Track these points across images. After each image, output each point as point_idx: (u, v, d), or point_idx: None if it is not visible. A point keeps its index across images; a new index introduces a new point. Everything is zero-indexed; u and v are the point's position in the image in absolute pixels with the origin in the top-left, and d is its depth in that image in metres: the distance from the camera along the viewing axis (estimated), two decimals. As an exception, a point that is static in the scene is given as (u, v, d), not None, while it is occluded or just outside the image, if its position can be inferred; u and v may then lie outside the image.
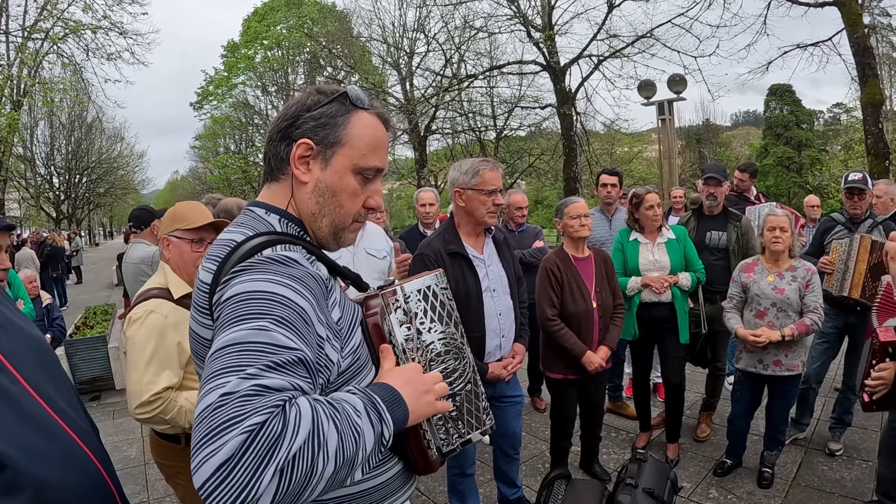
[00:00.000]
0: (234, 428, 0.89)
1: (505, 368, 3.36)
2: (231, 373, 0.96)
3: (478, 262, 3.31)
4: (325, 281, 1.27)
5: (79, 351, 7.17)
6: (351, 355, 1.31)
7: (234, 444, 0.88)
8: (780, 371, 3.97)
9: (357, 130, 1.35)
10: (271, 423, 0.91)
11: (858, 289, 4.23)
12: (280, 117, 1.37)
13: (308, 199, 1.36)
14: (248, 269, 1.16)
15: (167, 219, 2.67)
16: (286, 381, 1.00)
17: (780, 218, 4.01)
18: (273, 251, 1.22)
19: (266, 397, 0.94)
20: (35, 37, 19.56)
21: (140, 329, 2.36)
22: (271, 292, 1.10)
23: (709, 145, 41.61)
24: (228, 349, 1.01)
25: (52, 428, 1.30)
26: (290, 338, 1.05)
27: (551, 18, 20.58)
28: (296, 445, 0.93)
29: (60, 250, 18.50)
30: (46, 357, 1.48)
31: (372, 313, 1.43)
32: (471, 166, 3.25)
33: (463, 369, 1.58)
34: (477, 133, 26.56)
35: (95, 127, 37.94)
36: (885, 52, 23.97)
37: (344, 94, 1.36)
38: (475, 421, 1.60)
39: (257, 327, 1.04)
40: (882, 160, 12.93)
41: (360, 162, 1.36)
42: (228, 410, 0.91)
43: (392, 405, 1.19)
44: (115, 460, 5.24)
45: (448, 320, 1.57)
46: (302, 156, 1.33)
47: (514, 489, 3.86)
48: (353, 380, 1.32)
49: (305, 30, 30.88)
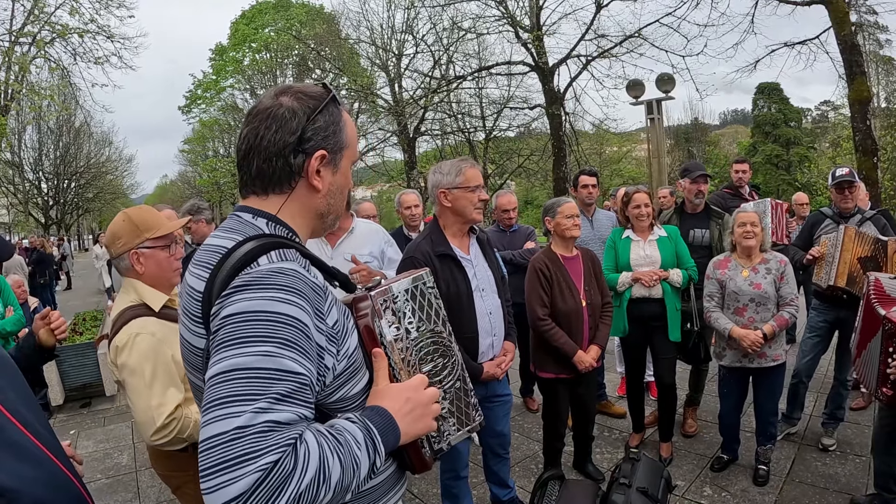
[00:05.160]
0: (250, 464, 0.96)
1: (499, 367, 3.37)
2: (242, 403, 1.01)
3: (466, 262, 3.31)
4: (323, 287, 1.27)
5: (68, 357, 7.12)
6: (346, 359, 1.32)
7: (250, 480, 0.95)
8: (765, 362, 4.00)
9: (349, 130, 1.42)
10: (284, 463, 0.98)
11: (844, 277, 4.27)
12: (280, 129, 1.32)
13: (321, 202, 1.41)
14: (248, 286, 1.15)
15: (126, 231, 2.45)
16: (294, 412, 1.05)
17: (750, 214, 4.08)
18: (269, 261, 1.21)
19: (279, 434, 1.00)
20: (22, 41, 19.44)
21: (132, 354, 2.26)
22: (274, 312, 1.11)
23: (697, 144, 41.78)
24: (235, 374, 1.04)
25: (37, 453, 1.31)
26: (297, 361, 1.09)
27: (539, 19, 20.58)
28: (304, 483, 1.00)
29: (49, 256, 18.39)
30: (10, 372, 1.47)
31: (362, 315, 1.43)
32: (452, 166, 3.27)
33: (451, 367, 1.61)
34: (466, 134, 26.50)
35: (83, 131, 37.68)
36: (871, 49, 24.12)
37: (333, 97, 1.38)
38: (465, 418, 1.64)
39: (264, 352, 1.06)
40: (870, 156, 12.99)
41: (355, 156, 1.46)
42: (245, 445, 0.97)
43: (386, 433, 1.24)
44: (106, 467, 5.25)
45: (436, 318, 1.59)
46: (318, 167, 1.36)
47: (507, 490, 3.85)
48: (347, 383, 1.33)
49: (294, 32, 30.83)
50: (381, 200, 38.54)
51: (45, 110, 23.93)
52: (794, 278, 4.08)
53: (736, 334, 3.99)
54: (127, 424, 6.21)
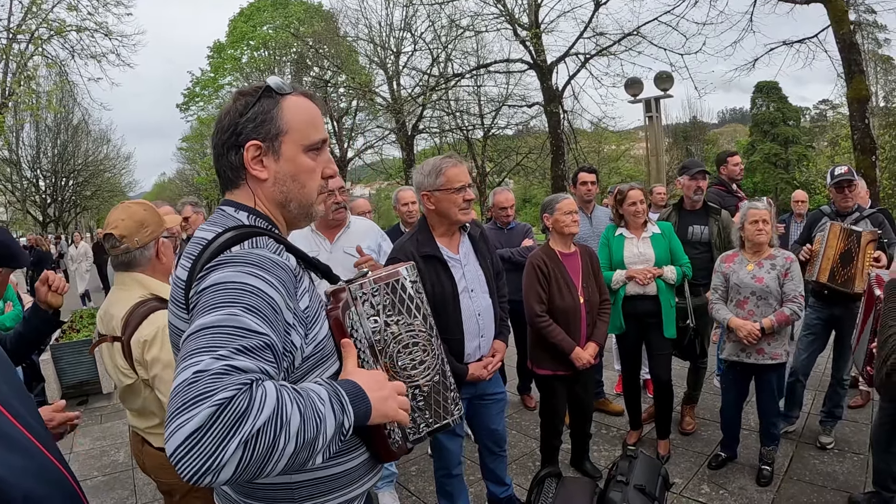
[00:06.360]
0: (205, 401, 0.97)
1: (485, 368, 3.31)
2: (204, 353, 1.05)
3: (453, 262, 3.22)
4: (293, 270, 1.34)
5: (65, 355, 7.09)
6: (314, 344, 1.39)
7: (204, 415, 0.96)
8: (763, 359, 4.00)
9: (291, 115, 1.43)
10: (238, 399, 0.99)
11: (826, 273, 4.31)
12: (218, 132, 1.44)
13: (272, 191, 1.46)
14: (221, 264, 1.24)
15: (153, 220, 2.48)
16: (254, 364, 1.08)
17: (762, 211, 4.06)
18: (242, 248, 1.30)
19: (235, 376, 1.02)
20: (20, 38, 19.39)
21: (164, 347, 2.25)
22: (242, 282, 1.19)
23: (696, 143, 41.74)
24: (202, 332, 1.09)
25: (27, 445, 1.31)
26: (259, 324, 1.13)
27: (538, 16, 20.56)
28: (260, 421, 1.00)
29: (47, 255, 18.37)
30: (3, 365, 1.47)
31: (333, 307, 1.49)
32: (433, 167, 3.13)
33: (431, 361, 1.66)
34: (464, 132, 26.53)
35: (81, 129, 37.48)
36: (870, 48, 24.12)
37: (267, 87, 1.43)
38: (442, 411, 1.70)
39: (229, 314, 1.12)
40: (868, 155, 12.99)
41: (306, 141, 1.45)
42: (200, 386, 0.99)
43: (355, 400, 1.26)
44: (102, 465, 5.24)
45: (416, 312, 1.63)
46: (254, 156, 1.41)
47: (504, 487, 3.83)
48: (316, 368, 1.41)
49: (292, 30, 30.74)
50: (379, 198, 38.55)
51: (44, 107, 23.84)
52: (800, 276, 4.06)
53: (733, 324, 3.99)
54: (124, 422, 6.18)
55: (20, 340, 2.53)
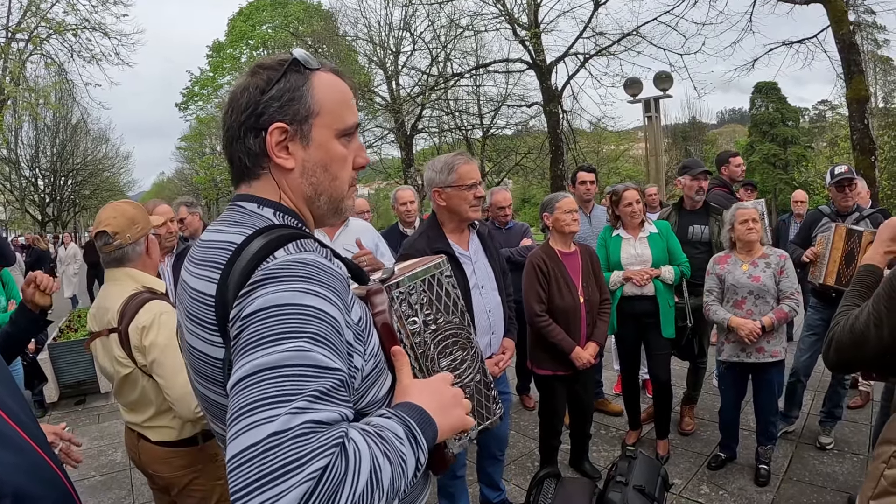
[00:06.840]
0: (296, 474, 0.81)
1: (497, 365, 3.31)
2: (275, 405, 0.86)
3: (464, 259, 3.24)
4: (346, 280, 1.13)
5: (63, 354, 7.07)
6: (372, 358, 1.19)
7: (298, 493, 0.80)
8: (763, 358, 4.00)
9: (323, 94, 1.22)
10: (334, 467, 0.84)
11: (833, 276, 4.29)
12: (233, 111, 1.21)
13: (300, 183, 1.23)
14: (269, 279, 1.01)
15: (142, 217, 2.52)
16: (335, 411, 0.91)
17: (749, 210, 4.09)
18: (287, 253, 1.07)
19: (322, 434, 0.86)
20: (19, 37, 19.36)
21: (161, 332, 2.27)
22: (302, 304, 0.97)
23: (695, 143, 41.79)
24: (263, 375, 0.89)
25: (19, 442, 1.30)
26: (331, 357, 0.95)
27: (537, 16, 20.54)
28: (359, 488, 0.86)
29: (46, 254, 18.33)
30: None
31: (379, 311, 1.30)
32: (445, 163, 3.16)
33: (472, 359, 1.50)
34: (463, 132, 26.49)
35: (80, 128, 37.42)
36: (869, 49, 24.12)
37: (294, 60, 1.21)
38: (485, 411, 1.53)
39: (296, 349, 0.92)
40: (868, 156, 12.98)
41: (339, 124, 1.24)
42: (285, 453, 0.82)
43: (424, 428, 1.10)
44: (100, 465, 5.22)
45: (454, 309, 1.48)
46: (279, 141, 1.18)
47: (498, 493, 3.82)
48: (373, 386, 1.21)
49: (291, 29, 30.71)
50: (378, 198, 38.51)
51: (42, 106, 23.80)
52: (794, 272, 4.09)
53: (734, 323, 3.99)
54: (121, 422, 6.15)
55: (8, 340, 2.55)
